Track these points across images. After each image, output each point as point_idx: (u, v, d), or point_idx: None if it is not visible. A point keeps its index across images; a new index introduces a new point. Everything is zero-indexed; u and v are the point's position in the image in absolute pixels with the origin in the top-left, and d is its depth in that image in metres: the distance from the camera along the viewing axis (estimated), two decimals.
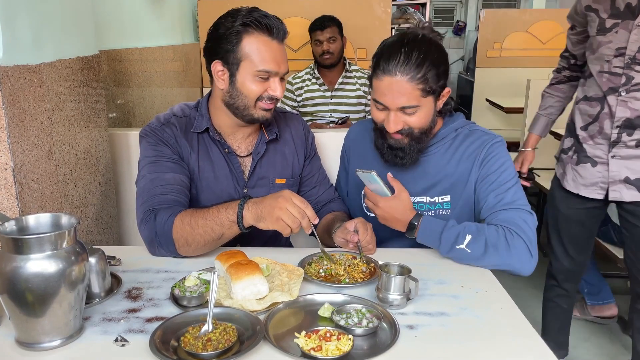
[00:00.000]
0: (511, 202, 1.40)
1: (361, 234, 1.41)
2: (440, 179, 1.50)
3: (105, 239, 1.83)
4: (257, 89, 1.41)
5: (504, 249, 1.33)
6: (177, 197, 1.41)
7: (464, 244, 1.34)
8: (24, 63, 1.36)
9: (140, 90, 2.59)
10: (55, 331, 0.99)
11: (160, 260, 1.38)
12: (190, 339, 0.97)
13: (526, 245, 1.34)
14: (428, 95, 1.38)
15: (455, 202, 1.49)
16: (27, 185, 1.37)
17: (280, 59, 1.41)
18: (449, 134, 1.52)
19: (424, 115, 1.41)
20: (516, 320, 1.11)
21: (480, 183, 1.46)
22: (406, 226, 1.42)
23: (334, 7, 3.61)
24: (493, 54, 5.00)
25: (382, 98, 1.38)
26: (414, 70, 1.34)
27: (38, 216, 1.04)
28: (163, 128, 1.48)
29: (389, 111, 1.40)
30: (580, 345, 2.53)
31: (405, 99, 1.36)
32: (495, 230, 1.35)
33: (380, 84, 1.38)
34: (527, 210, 1.40)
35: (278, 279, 1.24)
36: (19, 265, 0.93)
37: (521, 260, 1.33)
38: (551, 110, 2.25)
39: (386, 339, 1.03)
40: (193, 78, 3.59)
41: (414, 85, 1.35)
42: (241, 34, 1.37)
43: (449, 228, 1.37)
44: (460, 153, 1.50)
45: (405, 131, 1.42)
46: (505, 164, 1.46)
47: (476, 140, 1.49)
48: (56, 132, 1.52)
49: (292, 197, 1.26)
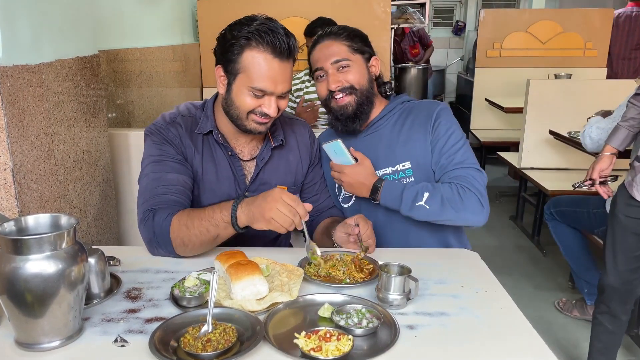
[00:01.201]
0: (461, 162, 1.52)
1: (362, 227, 1.41)
2: (396, 146, 1.59)
3: (104, 239, 1.83)
4: (250, 103, 1.39)
5: (458, 203, 1.44)
6: (178, 197, 1.41)
7: (423, 200, 1.45)
8: (23, 63, 1.36)
9: (139, 91, 2.59)
10: (55, 332, 0.98)
11: (160, 260, 1.38)
12: (190, 340, 0.97)
13: (477, 198, 1.46)
14: (356, 52, 1.56)
15: (416, 168, 1.57)
16: (26, 185, 1.37)
17: (279, 78, 1.36)
18: (395, 107, 1.64)
19: (358, 71, 1.56)
20: (516, 320, 1.11)
21: (433, 147, 1.56)
22: (370, 190, 1.51)
23: (334, 6, 3.60)
24: (493, 54, 5.01)
25: (318, 63, 1.57)
26: (337, 33, 1.57)
27: (37, 217, 1.04)
28: (168, 127, 1.48)
29: (327, 74, 1.55)
30: (580, 345, 2.53)
31: (335, 54, 1.54)
32: (449, 187, 1.47)
33: (315, 53, 1.58)
34: (476, 168, 1.52)
35: (278, 279, 1.24)
36: (18, 266, 0.93)
37: (474, 212, 1.46)
38: (633, 122, 2.09)
39: (386, 339, 1.03)
40: (193, 78, 3.59)
41: (340, 42, 1.56)
42: (244, 46, 1.34)
43: (409, 187, 1.48)
44: (411, 120, 1.60)
45: (347, 89, 1.55)
46: (452, 127, 1.56)
47: (424, 109, 1.60)
48: (55, 132, 1.51)
49: (282, 196, 1.24)
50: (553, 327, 2.69)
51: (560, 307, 2.84)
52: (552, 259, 3.36)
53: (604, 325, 2.15)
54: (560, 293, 3.01)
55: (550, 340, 2.55)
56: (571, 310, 2.78)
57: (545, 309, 2.86)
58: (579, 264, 2.70)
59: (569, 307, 2.80)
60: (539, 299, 2.94)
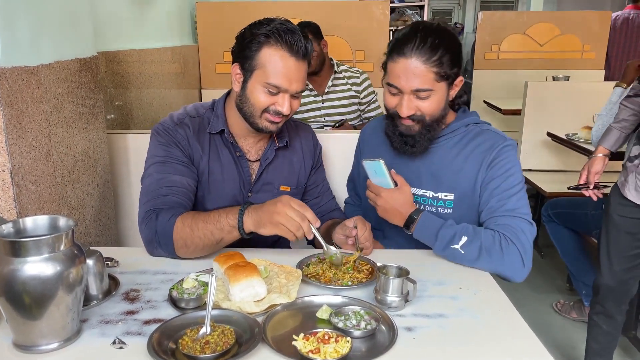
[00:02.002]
0: (512, 210, 1.39)
1: (360, 229, 1.41)
2: (445, 173, 1.48)
3: (103, 241, 1.83)
4: (265, 100, 1.41)
5: (497, 255, 1.33)
6: (180, 199, 1.41)
7: (459, 244, 1.34)
8: (22, 64, 1.36)
9: (138, 92, 2.59)
10: (53, 334, 0.98)
11: (158, 261, 1.37)
12: (188, 342, 0.97)
13: (520, 255, 1.34)
14: (442, 80, 1.38)
15: (459, 202, 1.47)
16: (24, 187, 1.37)
17: (294, 76, 1.39)
18: (459, 128, 1.51)
19: (437, 101, 1.40)
20: (514, 322, 1.11)
21: (485, 186, 1.44)
22: (405, 220, 1.42)
23: (332, 9, 3.61)
24: (491, 56, 5.01)
25: (396, 81, 1.38)
26: (428, 53, 1.34)
27: (35, 218, 1.04)
28: (176, 129, 1.49)
29: (402, 95, 1.39)
30: (578, 347, 2.53)
31: (419, 81, 1.36)
32: (492, 235, 1.35)
33: (395, 67, 1.38)
34: (527, 220, 1.39)
35: (276, 280, 1.24)
36: (16, 268, 0.93)
37: (513, 269, 1.34)
38: (625, 123, 2.13)
39: (384, 341, 1.03)
40: (191, 80, 3.59)
41: (429, 68, 1.35)
42: (262, 43, 1.38)
43: (447, 226, 1.37)
44: (469, 150, 1.47)
45: (417, 117, 1.41)
46: (512, 169, 1.43)
47: (487, 141, 1.47)
48: (54, 133, 1.51)
49: (290, 202, 1.25)
50: (551, 329, 2.69)
51: (558, 308, 2.84)
52: (550, 260, 3.37)
53: (599, 325, 2.15)
54: (558, 295, 3.01)
55: (548, 341, 2.55)
56: (569, 312, 2.78)
57: (543, 310, 2.86)
58: (576, 266, 2.70)
59: (567, 308, 2.80)
60: (537, 301, 2.94)
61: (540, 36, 4.91)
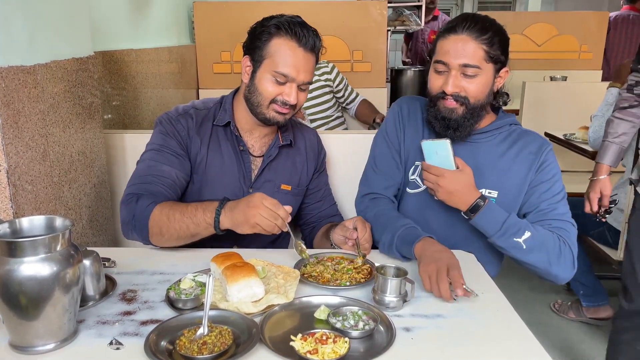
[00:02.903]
0: (563, 214, 1.45)
1: (360, 230, 1.40)
2: (489, 170, 1.48)
3: (100, 241, 1.82)
4: (272, 90, 1.44)
5: (556, 255, 1.38)
6: (164, 190, 1.44)
7: (522, 238, 1.37)
8: (18, 64, 1.35)
9: (135, 92, 2.58)
10: (49, 334, 0.98)
11: (156, 262, 1.37)
12: (186, 342, 0.97)
13: (573, 257, 1.40)
14: (490, 61, 1.40)
15: (500, 201, 1.46)
16: (21, 187, 1.36)
17: (301, 67, 1.43)
18: (503, 126, 1.51)
19: (482, 83, 1.41)
20: (512, 322, 1.11)
21: (532, 188, 1.47)
22: (470, 203, 1.39)
23: (330, 9, 3.61)
24: None
25: (445, 56, 1.40)
26: (479, 31, 1.38)
27: (32, 218, 1.04)
28: (178, 119, 1.52)
29: (450, 72, 1.40)
30: (576, 347, 2.53)
31: (468, 57, 1.38)
32: (553, 236, 1.40)
33: (445, 43, 1.41)
34: (573, 225, 1.45)
35: (274, 281, 1.23)
36: (13, 269, 0.92)
37: (565, 270, 1.40)
38: (625, 137, 2.02)
39: (382, 341, 1.03)
40: (189, 79, 3.58)
41: (478, 44, 1.38)
42: (272, 34, 1.43)
43: (513, 218, 1.39)
44: (517, 150, 1.49)
45: (461, 98, 1.41)
46: (558, 173, 1.49)
47: (534, 142, 1.49)
48: (51, 133, 1.51)
49: (262, 201, 1.26)
50: (549, 329, 2.69)
51: (556, 309, 2.84)
52: None
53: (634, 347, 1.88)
54: (556, 295, 3.02)
55: (545, 342, 2.56)
56: (567, 312, 2.78)
57: (541, 310, 2.86)
58: None
59: (565, 308, 2.80)
60: (534, 301, 2.94)
61: (538, 36, 4.92)
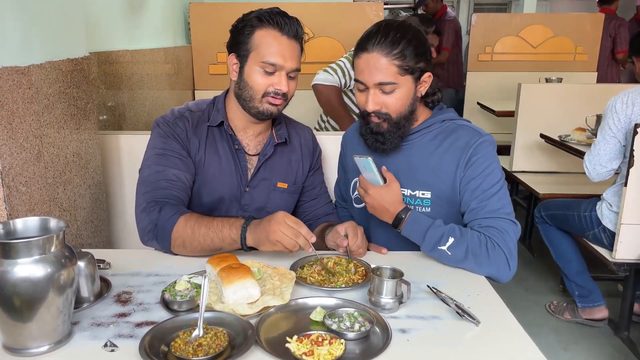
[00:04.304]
0: (495, 210, 1.38)
1: (351, 238, 1.41)
2: (421, 170, 1.47)
3: (94, 243, 1.82)
4: (263, 81, 1.44)
5: (483, 258, 1.33)
6: (179, 194, 1.45)
7: (446, 245, 1.34)
8: (13, 65, 1.34)
9: (131, 93, 2.58)
10: (43, 336, 0.97)
11: (151, 263, 1.37)
12: (181, 344, 0.96)
13: (505, 258, 1.33)
14: (406, 74, 1.38)
15: (436, 200, 1.46)
16: (15, 188, 1.36)
17: (288, 54, 1.43)
18: (435, 124, 1.49)
19: (402, 97, 1.40)
20: (508, 323, 1.11)
21: (464, 186, 1.43)
22: (393, 218, 1.42)
23: (326, 11, 3.62)
24: (484, 58, 5.03)
25: (360, 75, 1.40)
26: (390, 47, 1.36)
27: (26, 220, 1.03)
28: (176, 122, 1.52)
29: (368, 91, 1.40)
30: (571, 349, 2.54)
31: (382, 75, 1.37)
32: (478, 238, 1.35)
33: (359, 62, 1.41)
34: (510, 220, 1.38)
35: (270, 282, 1.23)
36: (6, 270, 0.92)
37: (498, 271, 1.34)
38: None
39: (378, 343, 1.03)
40: (184, 80, 3.57)
41: (390, 61, 1.36)
42: (255, 26, 1.43)
43: (435, 227, 1.37)
44: (445, 147, 1.45)
45: (383, 115, 1.41)
46: (490, 166, 1.41)
47: (462, 137, 1.44)
48: (45, 134, 1.50)
49: (285, 219, 1.27)
50: (544, 330, 2.70)
51: (552, 309, 2.85)
52: (543, 262, 3.38)
53: None
54: (552, 296, 3.02)
55: (541, 342, 2.56)
56: (562, 313, 2.79)
57: (537, 311, 2.87)
58: (569, 267, 2.71)
59: (561, 309, 2.81)
60: (530, 302, 2.95)
61: (534, 38, 4.94)
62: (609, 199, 2.38)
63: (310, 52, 3.65)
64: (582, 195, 2.86)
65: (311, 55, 3.52)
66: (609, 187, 2.42)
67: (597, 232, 2.45)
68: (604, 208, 2.40)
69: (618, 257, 2.32)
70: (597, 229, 2.44)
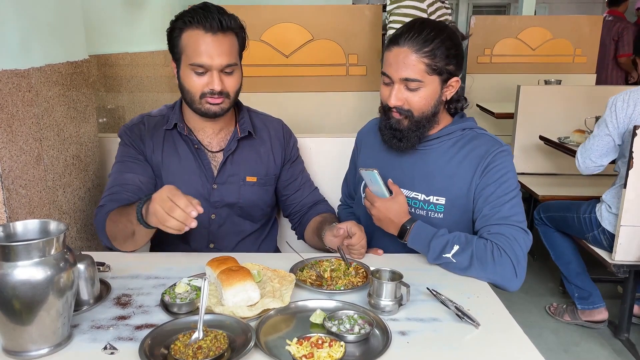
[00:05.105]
0: (506, 217, 1.36)
1: (358, 236, 1.39)
2: (438, 176, 1.46)
3: (94, 245, 1.82)
4: (196, 82, 1.44)
5: (489, 265, 1.30)
6: (129, 196, 1.47)
7: (451, 253, 1.33)
8: (12, 68, 1.35)
9: (130, 95, 2.58)
10: (43, 339, 0.97)
11: (151, 266, 1.37)
12: (181, 347, 0.96)
13: (512, 265, 1.31)
14: (434, 73, 1.37)
15: (450, 207, 1.45)
16: (15, 191, 1.36)
17: (214, 52, 1.41)
18: (455, 131, 1.48)
19: (426, 96, 1.39)
20: (508, 325, 1.11)
21: (479, 192, 1.42)
22: (398, 229, 1.41)
23: (325, 13, 3.61)
24: (483, 60, 5.03)
25: (388, 68, 1.39)
26: (421, 44, 1.35)
27: (26, 222, 1.03)
28: (132, 129, 1.57)
29: (393, 85, 1.39)
30: (571, 350, 2.54)
31: (409, 71, 1.36)
32: (484, 245, 1.33)
33: (389, 55, 1.39)
34: (521, 228, 1.36)
35: (269, 285, 1.23)
36: (6, 273, 0.92)
37: (504, 279, 1.31)
38: None
39: (378, 345, 1.03)
40: None
41: (419, 58, 1.35)
42: (181, 29, 1.44)
43: (439, 236, 1.36)
44: (464, 154, 1.45)
45: (405, 112, 1.40)
46: (506, 175, 1.40)
47: (482, 145, 1.44)
48: (45, 137, 1.50)
49: (166, 192, 1.17)
50: (544, 332, 2.70)
51: (551, 311, 2.85)
52: (543, 263, 3.38)
53: None
54: (551, 298, 3.02)
55: (541, 345, 2.56)
56: (562, 315, 2.79)
57: (536, 313, 2.87)
58: (569, 269, 2.71)
59: (560, 311, 2.81)
60: (530, 304, 2.95)
61: (533, 40, 4.94)
62: (608, 200, 2.38)
63: (309, 54, 3.67)
64: (581, 197, 2.86)
65: (310, 58, 3.54)
66: (608, 189, 2.43)
67: (596, 234, 2.45)
68: (603, 210, 2.40)
69: (617, 259, 2.31)
70: (596, 230, 2.44)
